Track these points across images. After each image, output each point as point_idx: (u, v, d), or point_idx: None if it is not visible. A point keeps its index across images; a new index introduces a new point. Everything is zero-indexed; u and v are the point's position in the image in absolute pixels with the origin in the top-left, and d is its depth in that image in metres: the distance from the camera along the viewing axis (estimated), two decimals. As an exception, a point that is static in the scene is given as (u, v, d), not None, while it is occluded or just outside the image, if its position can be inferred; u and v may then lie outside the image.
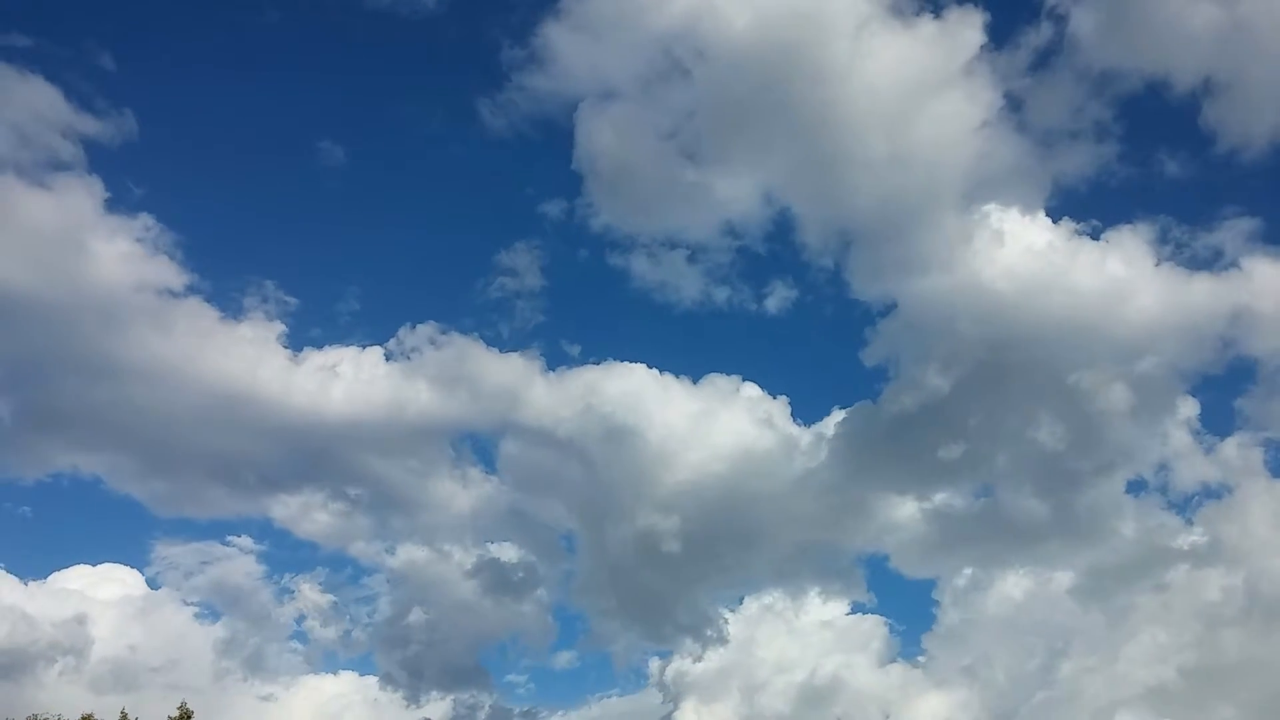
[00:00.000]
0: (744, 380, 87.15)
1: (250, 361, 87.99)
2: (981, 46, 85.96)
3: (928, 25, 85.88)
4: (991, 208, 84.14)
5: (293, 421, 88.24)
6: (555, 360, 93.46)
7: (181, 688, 70.36)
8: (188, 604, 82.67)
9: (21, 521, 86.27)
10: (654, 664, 79.17)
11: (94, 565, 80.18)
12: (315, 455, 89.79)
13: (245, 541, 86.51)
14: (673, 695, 73.91)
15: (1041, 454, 79.02)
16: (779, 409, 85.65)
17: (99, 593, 76.68)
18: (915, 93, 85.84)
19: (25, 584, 75.23)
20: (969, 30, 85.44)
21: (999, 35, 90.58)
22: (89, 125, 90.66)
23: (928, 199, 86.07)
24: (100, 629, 73.76)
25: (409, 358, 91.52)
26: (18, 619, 70.65)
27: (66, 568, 79.12)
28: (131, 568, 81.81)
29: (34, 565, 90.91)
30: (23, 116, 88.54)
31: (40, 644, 70.33)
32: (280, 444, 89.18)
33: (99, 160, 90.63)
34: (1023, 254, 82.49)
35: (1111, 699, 67.05)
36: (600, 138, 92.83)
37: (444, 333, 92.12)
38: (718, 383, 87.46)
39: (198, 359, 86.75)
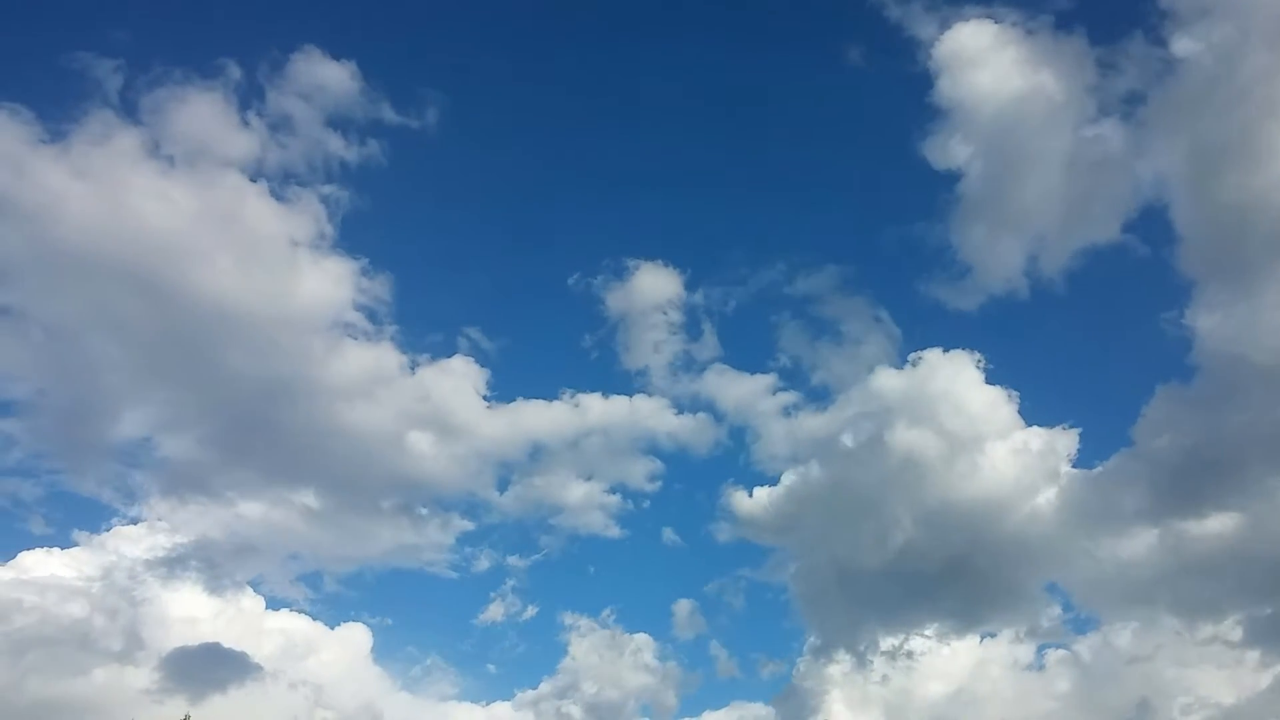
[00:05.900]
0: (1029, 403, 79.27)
1: (449, 394, 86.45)
2: None
3: None
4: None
5: (486, 451, 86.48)
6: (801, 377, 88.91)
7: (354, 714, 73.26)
8: (365, 630, 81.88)
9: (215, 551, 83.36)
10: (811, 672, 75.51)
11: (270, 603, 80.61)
12: (504, 488, 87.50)
13: (425, 570, 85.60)
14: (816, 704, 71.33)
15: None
16: (1064, 443, 77.75)
17: (275, 623, 78.45)
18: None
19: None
20: None
21: None
22: (384, 113, 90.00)
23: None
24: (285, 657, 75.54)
25: (625, 390, 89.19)
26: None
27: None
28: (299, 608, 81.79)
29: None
30: (299, 107, 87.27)
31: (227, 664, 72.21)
32: (471, 475, 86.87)
33: (364, 160, 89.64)
34: None
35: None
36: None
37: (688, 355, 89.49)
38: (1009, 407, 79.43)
39: (395, 388, 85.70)
